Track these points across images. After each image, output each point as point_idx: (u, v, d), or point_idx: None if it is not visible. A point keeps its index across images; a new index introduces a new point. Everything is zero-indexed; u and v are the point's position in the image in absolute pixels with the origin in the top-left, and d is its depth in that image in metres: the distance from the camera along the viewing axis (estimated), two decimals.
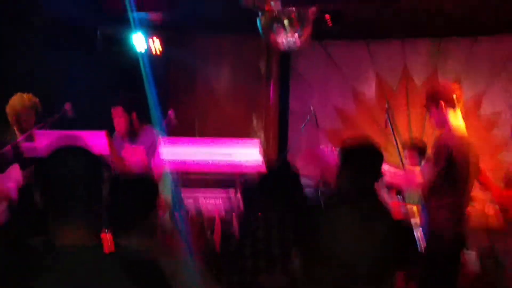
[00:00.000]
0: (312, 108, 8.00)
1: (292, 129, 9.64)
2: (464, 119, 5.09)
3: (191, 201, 6.22)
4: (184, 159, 5.98)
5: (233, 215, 6.13)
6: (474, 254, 6.37)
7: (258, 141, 6.14)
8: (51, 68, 7.43)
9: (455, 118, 5.08)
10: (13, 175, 6.43)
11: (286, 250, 4.17)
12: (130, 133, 6.57)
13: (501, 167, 7.90)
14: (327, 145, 5.41)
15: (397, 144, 7.41)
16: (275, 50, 9.15)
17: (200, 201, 6.26)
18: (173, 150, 6.04)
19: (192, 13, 7.46)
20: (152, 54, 8.19)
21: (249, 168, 5.96)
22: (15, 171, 6.43)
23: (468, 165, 4.98)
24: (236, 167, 6.01)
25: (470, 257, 6.27)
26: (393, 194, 6.58)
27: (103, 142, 6.03)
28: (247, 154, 5.99)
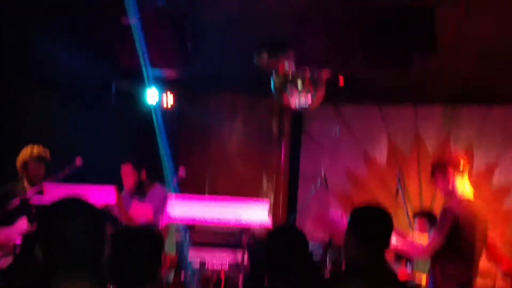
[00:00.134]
0: (323, 171, 7.97)
1: (302, 191, 9.57)
2: (475, 187, 5.05)
3: (198, 260, 6.16)
4: (193, 217, 5.94)
5: (240, 275, 6.07)
6: None
7: (267, 202, 6.10)
8: (64, 121, 7.47)
9: (463, 186, 5.05)
10: (20, 228, 6.41)
11: None
12: (139, 190, 6.58)
13: None
14: (337, 210, 5.37)
15: (407, 210, 7.35)
16: (287, 110, 9.19)
17: (207, 260, 6.20)
18: (182, 207, 6.01)
19: (206, 71, 7.51)
20: (165, 110, 8.22)
21: (257, 229, 5.92)
22: (23, 224, 6.42)
23: (475, 233, 4.92)
24: (245, 227, 5.96)
25: None
26: (402, 262, 6.51)
27: (112, 197, 6.03)
28: (256, 215, 5.95)
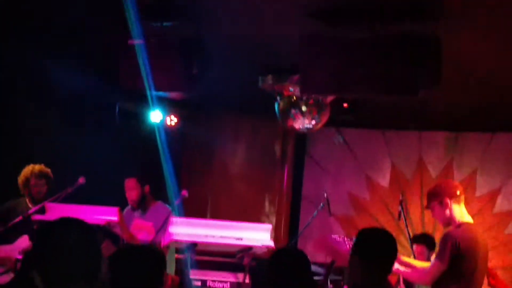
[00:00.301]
0: (326, 194, 7.96)
1: (304, 214, 9.56)
2: (477, 213, 5.05)
3: (199, 283, 6.15)
4: (195, 240, 5.92)
5: None
6: None
7: (270, 226, 6.08)
8: (68, 141, 7.49)
9: (461, 214, 5.04)
10: (22, 245, 6.42)
11: None
12: (141, 206, 6.58)
13: None
14: (339, 235, 5.36)
15: (409, 235, 7.33)
16: (290, 133, 9.20)
17: (208, 284, 6.18)
18: (184, 227, 6.01)
19: (211, 93, 7.52)
20: (168, 131, 8.23)
21: (259, 250, 5.90)
22: (24, 242, 6.42)
23: (476, 257, 4.90)
24: (246, 248, 5.93)
25: None
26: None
27: (114, 216, 6.02)
28: (258, 236, 5.94)
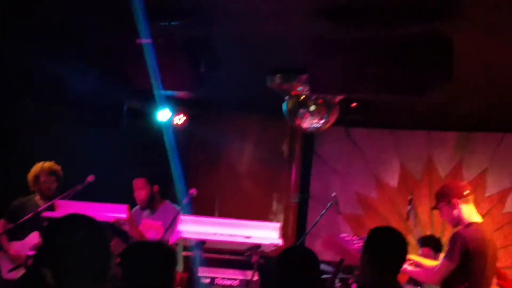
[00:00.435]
0: (334, 194, 7.94)
1: (312, 212, 9.55)
2: (487, 212, 5.04)
3: (208, 281, 6.15)
4: (204, 235, 5.93)
5: None
6: None
7: (278, 225, 6.08)
8: (77, 140, 7.52)
9: (470, 214, 5.03)
10: (32, 242, 6.46)
11: None
12: (150, 205, 6.62)
13: None
14: (348, 234, 5.36)
15: (417, 235, 7.33)
16: (298, 132, 9.18)
17: (217, 281, 6.18)
18: (192, 228, 6.01)
19: (219, 92, 7.52)
20: (176, 130, 8.24)
21: (268, 248, 5.90)
22: (34, 238, 6.46)
23: (486, 256, 4.89)
24: (255, 246, 5.93)
25: None
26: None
27: (124, 214, 6.04)
28: (266, 237, 5.93)
